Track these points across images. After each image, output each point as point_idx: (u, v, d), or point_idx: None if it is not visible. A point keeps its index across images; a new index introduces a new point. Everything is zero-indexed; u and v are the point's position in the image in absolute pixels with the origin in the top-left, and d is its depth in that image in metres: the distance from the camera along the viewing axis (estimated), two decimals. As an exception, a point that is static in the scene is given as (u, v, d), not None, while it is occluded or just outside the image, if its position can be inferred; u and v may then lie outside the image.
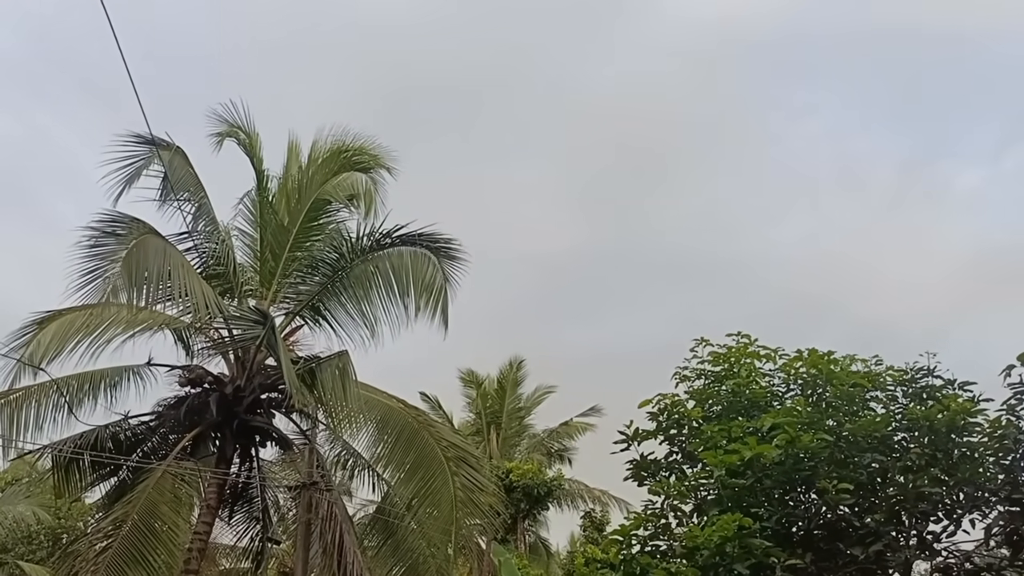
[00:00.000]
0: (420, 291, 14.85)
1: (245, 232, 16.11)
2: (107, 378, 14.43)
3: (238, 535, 16.61)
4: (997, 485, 8.58)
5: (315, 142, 16.54)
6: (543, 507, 29.65)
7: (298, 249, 15.53)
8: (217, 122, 15.86)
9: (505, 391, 32.71)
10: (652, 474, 10.26)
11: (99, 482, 14.93)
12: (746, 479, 8.95)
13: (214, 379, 14.60)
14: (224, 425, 14.54)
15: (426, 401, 30.42)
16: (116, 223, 12.77)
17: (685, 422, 10.29)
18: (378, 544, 15.68)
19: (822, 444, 8.77)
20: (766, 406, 9.97)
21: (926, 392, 9.62)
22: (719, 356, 10.71)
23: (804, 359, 10.25)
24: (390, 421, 15.07)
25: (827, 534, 8.98)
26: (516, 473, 27.92)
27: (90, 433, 13.83)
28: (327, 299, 15.30)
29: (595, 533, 27.77)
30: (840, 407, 9.76)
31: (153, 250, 12.61)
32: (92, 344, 13.36)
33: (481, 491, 15.19)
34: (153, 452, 14.69)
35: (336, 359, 13.66)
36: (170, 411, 14.66)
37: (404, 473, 14.97)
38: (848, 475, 8.80)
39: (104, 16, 6.56)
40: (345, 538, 13.70)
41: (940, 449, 8.86)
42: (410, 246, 15.03)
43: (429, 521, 14.84)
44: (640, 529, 9.41)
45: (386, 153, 16.76)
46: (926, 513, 8.88)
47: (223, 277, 15.03)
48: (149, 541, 12.94)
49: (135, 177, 13.73)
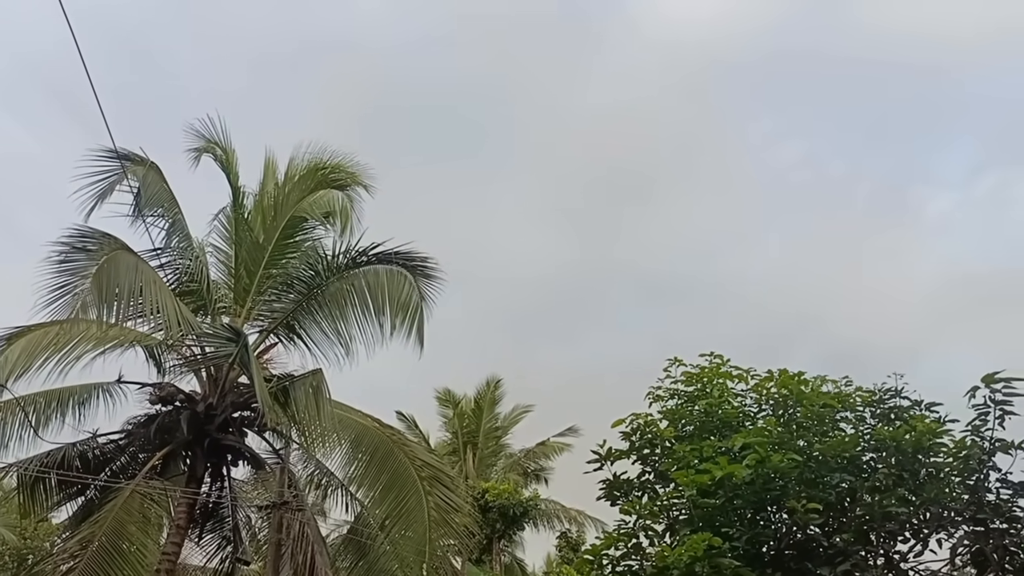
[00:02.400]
0: (396, 309, 14.82)
1: (220, 249, 16.05)
2: (76, 395, 14.28)
3: (208, 556, 16.41)
4: (962, 505, 8.65)
5: (292, 159, 16.57)
6: (519, 527, 29.54)
7: (273, 266, 15.48)
8: (194, 137, 15.85)
9: (482, 411, 32.63)
10: (625, 494, 10.25)
11: (66, 501, 14.72)
12: (717, 499, 8.97)
13: (185, 397, 14.47)
14: (195, 444, 14.40)
15: (402, 420, 30.36)
16: (87, 238, 12.65)
17: (658, 442, 10.30)
18: (351, 565, 15.52)
19: (792, 464, 8.80)
20: (738, 426, 10.00)
21: (894, 413, 9.70)
22: (692, 376, 10.75)
23: (775, 380, 10.31)
24: (364, 440, 14.99)
25: (796, 553, 9.00)
26: (492, 493, 27.82)
27: (57, 451, 13.69)
28: (302, 317, 15.23)
29: (571, 553, 27.72)
30: (810, 427, 9.82)
31: (124, 266, 12.51)
32: (61, 361, 13.24)
33: (456, 511, 15.13)
34: (122, 471, 14.51)
35: (310, 377, 13.58)
36: (140, 429, 14.50)
37: (378, 493, 14.88)
38: (817, 495, 8.84)
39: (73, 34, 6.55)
40: (317, 559, 13.57)
41: (907, 469, 8.92)
42: (386, 264, 15.01)
43: (403, 541, 14.73)
44: (612, 549, 9.39)
45: (363, 171, 16.83)
46: (893, 532, 8.93)
47: (196, 294, 14.94)
48: (116, 562, 12.77)
49: (108, 192, 13.62)
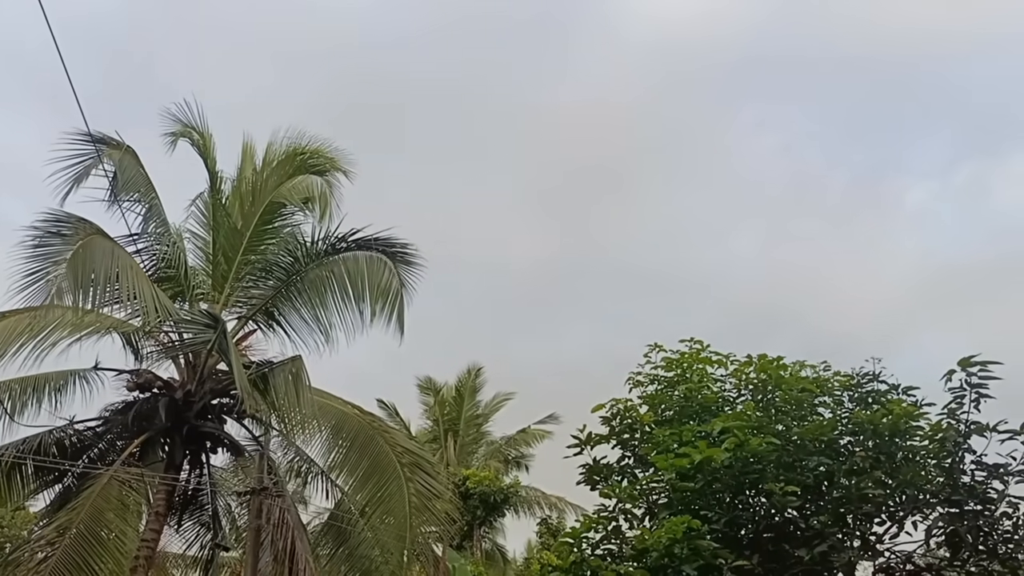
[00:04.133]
0: (376, 296, 14.74)
1: (197, 235, 15.91)
2: (52, 382, 14.12)
3: (187, 543, 16.36)
4: (937, 487, 8.77)
5: (270, 144, 16.43)
6: (500, 514, 29.62)
7: (251, 252, 15.36)
8: (171, 122, 15.66)
9: (463, 398, 32.65)
10: (604, 478, 10.28)
11: (43, 489, 14.59)
12: (696, 482, 9.03)
13: (163, 384, 14.36)
14: (174, 431, 14.31)
15: (383, 408, 30.29)
16: (62, 223, 12.47)
17: (637, 426, 10.35)
18: (331, 551, 15.50)
19: (770, 448, 8.87)
20: (717, 410, 10.07)
21: (871, 397, 9.81)
22: (672, 362, 10.80)
23: (755, 364, 10.39)
24: (344, 427, 14.95)
25: (774, 536, 9.08)
26: (473, 480, 27.86)
27: (34, 438, 13.54)
28: (281, 303, 15.14)
29: (551, 539, 27.78)
30: (789, 411, 9.91)
31: (100, 251, 12.35)
32: (36, 347, 13.02)
33: (437, 498, 15.14)
34: (100, 458, 14.38)
35: (289, 364, 13.51)
36: (117, 416, 14.40)
37: (358, 479, 14.86)
38: (795, 478, 8.93)
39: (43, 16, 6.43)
40: (297, 544, 13.53)
41: (884, 452, 9.03)
42: (366, 251, 14.92)
43: (383, 528, 14.73)
44: (591, 532, 9.43)
45: (342, 156, 16.69)
46: (870, 515, 9.04)
47: (174, 280, 14.81)
48: (95, 549, 12.67)
49: (83, 176, 13.44)
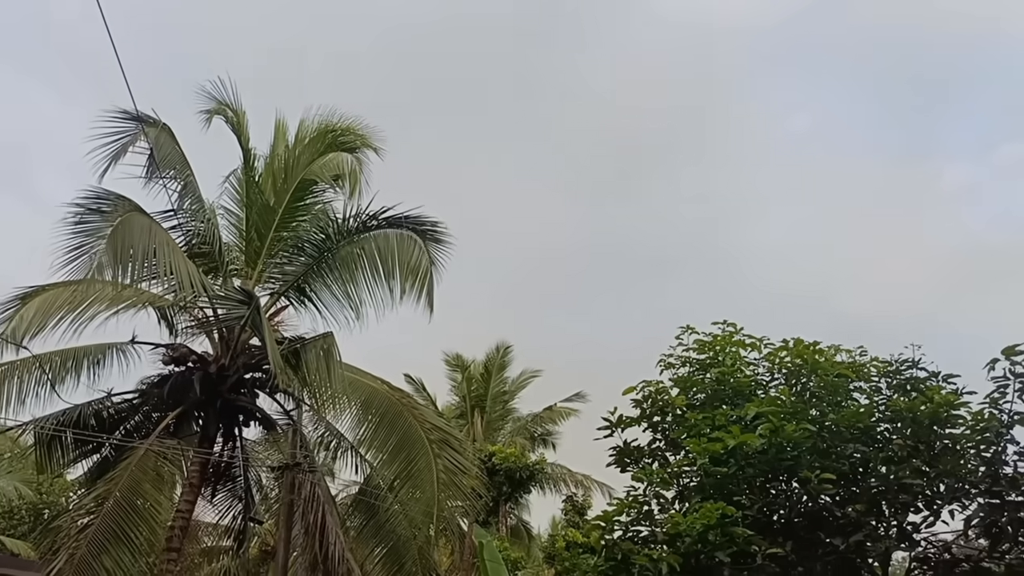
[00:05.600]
0: (406, 274, 14.78)
1: (231, 211, 16.00)
2: (90, 355, 14.36)
3: (220, 514, 16.64)
4: (977, 477, 8.62)
5: (302, 121, 16.44)
6: (525, 490, 29.67)
7: (284, 229, 15.43)
8: (206, 99, 15.70)
9: (490, 375, 32.69)
10: (635, 461, 10.26)
11: (81, 459, 14.89)
12: (729, 467, 8.97)
13: (198, 358, 14.53)
14: (207, 404, 14.51)
15: (411, 383, 30.46)
16: (101, 200, 12.63)
17: (669, 410, 10.28)
18: (360, 525, 15.69)
19: (805, 434, 8.78)
20: (750, 395, 9.97)
21: (910, 384, 9.63)
22: (704, 344, 10.69)
23: (789, 349, 10.24)
24: (374, 403, 15.06)
25: (808, 523, 9.02)
26: (499, 456, 27.93)
27: (73, 410, 13.80)
28: (312, 280, 15.22)
29: (577, 517, 27.91)
30: (824, 397, 9.79)
31: (138, 228, 12.49)
32: (75, 320, 13.28)
33: (463, 473, 15.22)
34: (136, 430, 14.65)
35: (321, 340, 13.61)
36: (153, 389, 14.61)
37: (387, 454, 14.98)
38: (830, 465, 8.83)
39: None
40: (327, 518, 13.71)
41: (922, 441, 8.88)
42: (396, 228, 14.94)
43: (411, 502, 14.87)
44: (622, 515, 9.42)
45: (373, 133, 16.67)
46: (906, 504, 8.90)
47: (208, 256, 14.93)
48: (131, 518, 12.91)
49: (121, 153, 13.52)
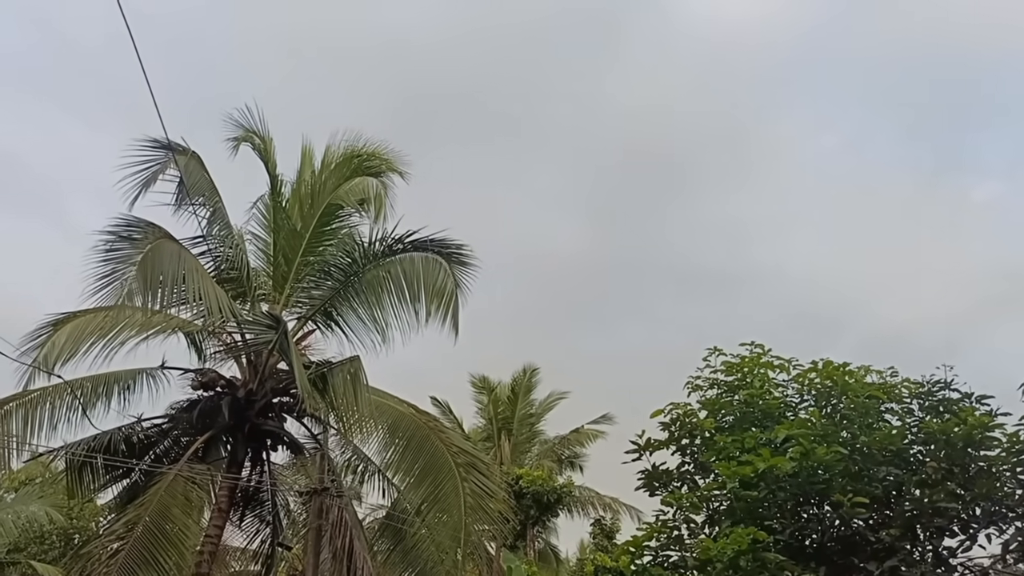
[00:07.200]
0: (431, 296, 14.87)
1: (258, 236, 16.20)
2: (120, 380, 14.54)
3: (248, 538, 16.69)
4: (1014, 501, 8.43)
5: (328, 147, 16.64)
6: (553, 514, 29.51)
7: (311, 254, 15.58)
8: (233, 127, 15.97)
9: (517, 397, 32.61)
10: (664, 484, 10.15)
11: (111, 484, 15.04)
12: (759, 491, 8.84)
13: (226, 383, 14.66)
14: (236, 429, 14.61)
15: (437, 406, 30.46)
16: (132, 227, 12.87)
17: (697, 432, 10.17)
18: (388, 549, 15.67)
19: (837, 457, 8.63)
20: (779, 417, 9.83)
21: (943, 405, 9.44)
22: (732, 366, 10.56)
23: (819, 370, 10.10)
24: (400, 426, 15.08)
25: (841, 548, 8.85)
26: (526, 479, 27.81)
27: (103, 435, 13.96)
28: (339, 304, 15.34)
29: (605, 540, 27.67)
30: (855, 419, 9.62)
31: (168, 254, 12.69)
32: (106, 346, 13.47)
33: (491, 497, 15.15)
34: (165, 455, 14.78)
35: (348, 364, 13.68)
36: (182, 414, 14.75)
37: (414, 478, 14.97)
38: (863, 488, 8.67)
39: (124, 24, 6.61)
40: (355, 543, 13.72)
41: (957, 463, 8.70)
42: (422, 251, 15.05)
43: (439, 527, 14.82)
44: (652, 540, 9.31)
45: (398, 157, 16.85)
46: (942, 528, 8.72)
47: (236, 281, 15.10)
48: (160, 543, 13.00)
49: (151, 181, 13.81)
